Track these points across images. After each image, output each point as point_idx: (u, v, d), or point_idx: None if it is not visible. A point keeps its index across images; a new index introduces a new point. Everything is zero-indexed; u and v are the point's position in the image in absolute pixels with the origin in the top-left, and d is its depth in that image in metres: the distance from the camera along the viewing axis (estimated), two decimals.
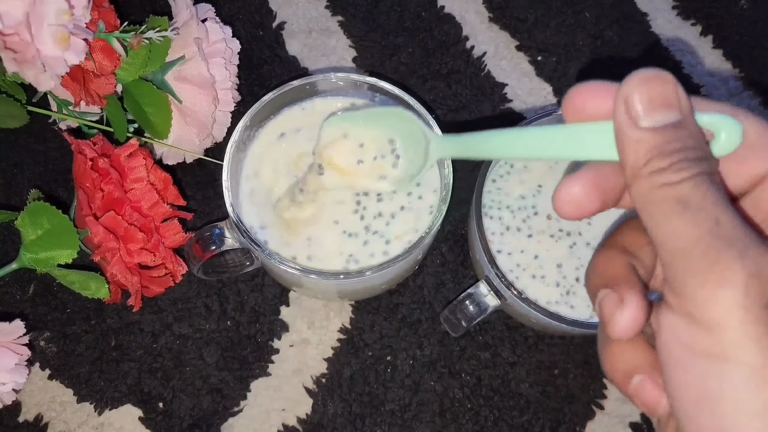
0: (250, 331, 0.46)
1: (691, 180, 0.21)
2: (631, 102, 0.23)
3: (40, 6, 0.39)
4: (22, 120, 0.46)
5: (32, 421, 0.44)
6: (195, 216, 0.49)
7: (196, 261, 0.42)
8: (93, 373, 0.45)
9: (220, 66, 0.45)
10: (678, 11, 0.57)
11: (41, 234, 0.42)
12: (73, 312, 0.47)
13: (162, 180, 0.44)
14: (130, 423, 0.45)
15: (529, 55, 0.56)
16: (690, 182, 0.21)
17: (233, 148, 0.41)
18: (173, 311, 0.47)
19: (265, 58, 0.55)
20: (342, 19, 0.56)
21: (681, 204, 0.21)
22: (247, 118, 0.42)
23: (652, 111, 0.22)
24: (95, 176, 0.41)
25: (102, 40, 0.43)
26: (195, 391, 0.45)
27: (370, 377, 0.45)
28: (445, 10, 0.57)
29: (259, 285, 0.47)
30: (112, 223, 0.41)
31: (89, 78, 0.44)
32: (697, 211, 0.21)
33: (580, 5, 0.57)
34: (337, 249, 0.41)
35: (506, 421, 0.45)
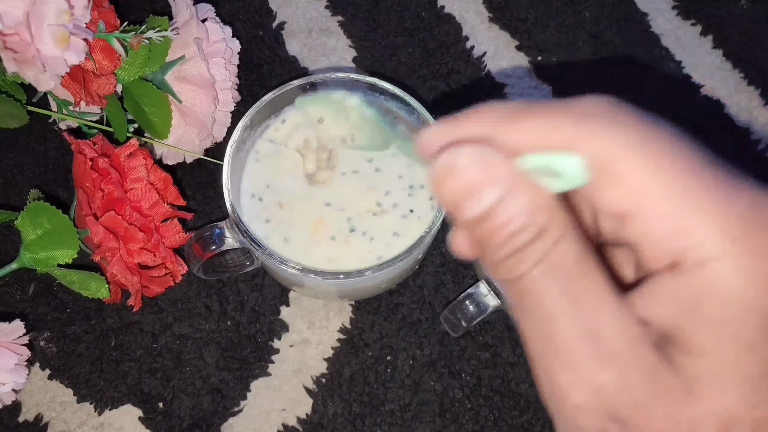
0: (250, 331, 0.46)
1: (526, 277, 0.19)
2: (439, 202, 0.20)
3: (40, 6, 0.39)
4: (22, 120, 0.46)
5: (32, 421, 0.44)
6: (195, 216, 0.49)
7: (196, 261, 0.42)
8: (93, 373, 0.45)
9: (220, 66, 0.45)
10: (678, 11, 0.57)
11: (41, 234, 0.42)
12: (73, 312, 0.47)
13: (162, 180, 0.44)
14: (130, 423, 0.44)
15: (529, 55, 0.56)
16: (527, 279, 0.19)
17: (233, 148, 0.41)
18: (173, 311, 0.47)
19: (265, 58, 0.55)
20: (342, 19, 0.56)
21: (522, 307, 0.19)
22: (247, 118, 0.42)
23: (459, 210, 0.20)
24: (95, 176, 0.41)
25: (102, 40, 0.43)
26: (195, 391, 0.45)
27: (370, 377, 0.45)
28: (445, 10, 0.57)
29: (259, 285, 0.47)
30: (112, 223, 0.41)
31: (89, 78, 0.44)
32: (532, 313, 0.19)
33: (580, 5, 0.57)
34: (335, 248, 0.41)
35: (506, 421, 0.45)
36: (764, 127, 0.53)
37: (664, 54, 0.55)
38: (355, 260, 0.41)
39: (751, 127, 0.53)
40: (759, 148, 0.52)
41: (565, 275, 0.19)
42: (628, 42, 0.56)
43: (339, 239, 0.41)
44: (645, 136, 0.19)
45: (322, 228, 0.41)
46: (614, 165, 0.19)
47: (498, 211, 0.19)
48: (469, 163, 0.19)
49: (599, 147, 0.19)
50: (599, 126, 0.19)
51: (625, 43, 0.56)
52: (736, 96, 0.54)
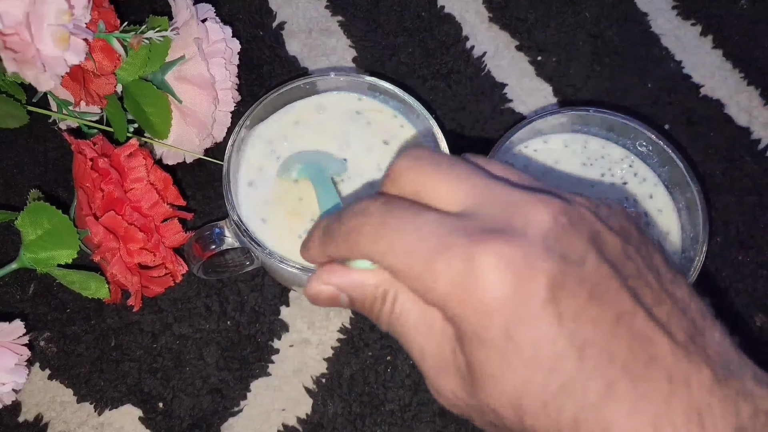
0: (250, 331, 0.46)
1: (390, 327, 0.28)
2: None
3: (40, 6, 0.39)
4: (22, 120, 0.46)
5: (32, 421, 0.44)
6: (195, 216, 0.49)
7: (196, 260, 0.42)
8: (93, 373, 0.45)
9: (220, 66, 0.45)
10: (678, 11, 0.57)
11: (41, 234, 0.42)
12: (73, 312, 0.47)
13: (162, 180, 0.44)
14: (130, 423, 0.44)
15: (529, 55, 0.56)
16: (391, 328, 0.28)
17: (233, 148, 0.41)
18: (173, 311, 0.47)
19: (265, 58, 0.55)
20: (342, 19, 0.56)
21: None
22: (247, 118, 0.42)
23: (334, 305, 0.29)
24: (95, 176, 0.41)
25: (102, 40, 0.43)
26: (195, 391, 0.45)
27: (370, 377, 0.45)
28: (445, 10, 0.57)
29: (259, 285, 0.47)
30: (112, 223, 0.41)
31: (89, 78, 0.44)
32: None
33: (580, 5, 0.57)
34: None
35: None
36: (764, 127, 0.53)
37: (664, 54, 0.55)
38: None
39: (751, 127, 0.53)
40: (759, 148, 0.52)
41: (406, 319, 0.27)
42: (628, 42, 0.56)
43: None
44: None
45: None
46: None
47: (353, 302, 0.28)
48: (319, 286, 0.28)
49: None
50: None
51: (625, 43, 0.56)
52: (736, 96, 0.54)
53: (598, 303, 0.23)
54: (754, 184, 0.51)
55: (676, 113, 0.53)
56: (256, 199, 0.42)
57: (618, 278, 0.24)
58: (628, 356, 0.23)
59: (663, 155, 0.43)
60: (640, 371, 0.23)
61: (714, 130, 0.53)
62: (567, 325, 0.23)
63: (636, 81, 0.54)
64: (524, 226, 0.24)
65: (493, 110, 0.53)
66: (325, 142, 0.44)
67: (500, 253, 0.23)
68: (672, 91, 0.54)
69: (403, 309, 0.27)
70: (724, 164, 0.51)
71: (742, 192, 0.51)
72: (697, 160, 0.51)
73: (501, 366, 0.24)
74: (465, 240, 0.24)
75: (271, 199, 0.42)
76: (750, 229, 0.49)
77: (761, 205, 0.50)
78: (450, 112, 0.53)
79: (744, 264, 0.48)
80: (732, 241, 0.49)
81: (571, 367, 0.23)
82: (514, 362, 0.23)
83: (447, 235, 0.24)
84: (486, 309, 0.23)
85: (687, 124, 0.53)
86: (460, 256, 0.24)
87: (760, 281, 0.48)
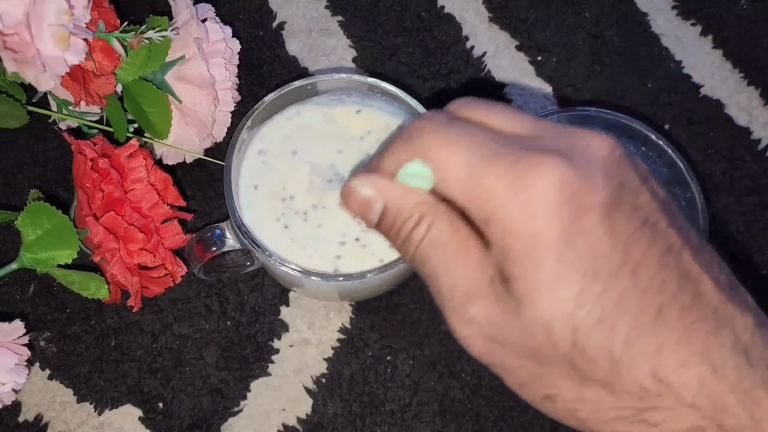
0: (250, 331, 0.46)
1: (417, 252, 0.27)
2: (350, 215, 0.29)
3: (39, 6, 0.39)
4: (22, 120, 0.46)
5: (32, 421, 0.44)
6: (195, 216, 0.49)
7: (197, 262, 0.42)
8: (93, 373, 0.45)
9: (220, 66, 0.45)
10: (678, 11, 0.57)
11: (41, 234, 0.42)
12: (73, 312, 0.47)
13: (162, 180, 0.44)
14: (130, 423, 0.44)
15: (529, 55, 0.56)
16: (418, 254, 0.27)
17: (235, 148, 0.41)
18: (173, 311, 0.47)
19: (265, 58, 0.55)
20: (342, 19, 0.56)
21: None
22: (248, 118, 0.42)
23: (363, 219, 0.29)
24: (95, 176, 0.41)
25: (102, 40, 0.43)
26: (195, 391, 0.45)
27: (370, 377, 0.45)
28: (445, 10, 0.57)
29: (259, 285, 0.47)
30: (112, 224, 0.41)
31: (89, 78, 0.44)
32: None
33: (580, 5, 0.57)
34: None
35: (506, 421, 0.45)
36: (764, 127, 0.53)
37: (664, 54, 0.55)
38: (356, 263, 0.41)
39: (751, 127, 0.53)
40: (759, 148, 0.52)
41: (441, 246, 0.26)
42: (628, 42, 0.56)
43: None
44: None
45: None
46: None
47: (385, 215, 0.27)
48: (359, 186, 0.28)
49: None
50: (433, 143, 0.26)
51: (625, 43, 0.56)
52: (736, 96, 0.54)
53: (650, 232, 0.24)
54: (754, 184, 0.51)
55: (676, 113, 0.53)
56: (257, 199, 0.42)
57: (667, 217, 0.25)
58: (677, 287, 0.23)
59: (663, 155, 0.43)
60: (688, 303, 0.23)
61: (714, 130, 0.53)
62: (622, 243, 0.23)
63: (636, 81, 0.54)
64: (584, 149, 0.24)
65: None
66: (328, 143, 0.43)
67: (560, 168, 0.23)
68: (672, 91, 0.54)
69: (439, 235, 0.26)
70: (724, 164, 0.51)
71: (742, 192, 0.51)
72: (697, 160, 0.51)
73: (555, 278, 0.23)
74: (524, 152, 0.24)
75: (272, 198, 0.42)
76: (750, 229, 0.50)
77: (761, 205, 0.50)
78: None
79: (744, 264, 0.48)
80: (732, 241, 0.49)
81: (625, 285, 0.23)
82: (571, 273, 0.23)
83: (505, 145, 0.25)
84: (542, 221, 0.23)
85: (687, 124, 0.53)
86: (518, 166, 0.24)
87: (761, 281, 0.48)
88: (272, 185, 0.42)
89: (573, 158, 0.24)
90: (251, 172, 0.43)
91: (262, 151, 0.43)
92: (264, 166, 0.43)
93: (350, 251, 0.40)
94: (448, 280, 0.26)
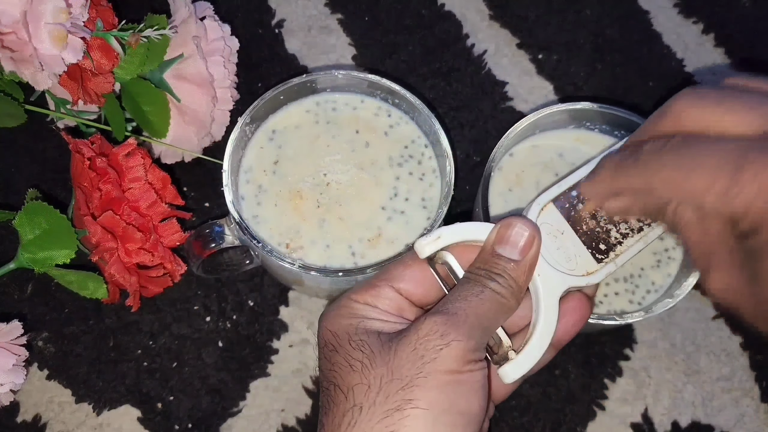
0: (249, 332, 0.46)
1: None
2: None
3: (37, 4, 0.39)
4: (20, 119, 0.46)
5: (30, 421, 0.44)
6: (193, 215, 0.49)
7: (196, 258, 0.42)
8: (91, 373, 0.45)
9: (218, 64, 0.45)
10: (679, 9, 0.57)
11: (39, 234, 0.42)
12: (71, 312, 0.46)
13: (160, 179, 0.44)
14: (128, 423, 0.44)
15: (530, 54, 0.55)
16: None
17: (233, 146, 0.41)
18: (172, 311, 0.46)
19: (264, 56, 0.54)
20: (341, 17, 0.56)
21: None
22: (247, 116, 0.42)
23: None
24: (93, 175, 0.41)
25: (100, 39, 0.43)
26: (194, 391, 0.45)
27: None
28: (445, 8, 0.56)
29: (258, 285, 0.47)
30: (110, 223, 0.41)
31: (87, 77, 0.44)
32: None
33: (582, 3, 0.57)
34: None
35: (507, 421, 0.44)
36: None
37: (666, 52, 0.55)
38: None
39: None
40: None
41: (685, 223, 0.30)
42: (629, 40, 0.55)
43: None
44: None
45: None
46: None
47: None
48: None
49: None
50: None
51: (626, 41, 0.55)
52: None
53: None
54: None
55: None
56: (256, 197, 0.42)
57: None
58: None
59: None
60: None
61: None
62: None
63: (637, 79, 0.54)
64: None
65: (493, 108, 0.53)
66: (327, 141, 0.43)
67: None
68: (673, 89, 0.54)
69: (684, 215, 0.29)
70: None
71: None
72: None
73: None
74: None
75: (271, 198, 0.42)
76: None
77: None
78: (450, 111, 0.53)
79: None
80: None
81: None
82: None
83: (749, 150, 0.26)
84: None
85: None
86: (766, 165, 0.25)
87: None
88: (273, 182, 0.42)
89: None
90: (251, 167, 0.43)
91: (262, 146, 0.43)
92: (264, 162, 0.43)
93: (364, 248, 0.41)
94: (693, 249, 0.31)
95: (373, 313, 0.31)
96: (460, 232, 0.32)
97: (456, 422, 0.27)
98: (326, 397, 0.29)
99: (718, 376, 0.46)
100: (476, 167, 0.51)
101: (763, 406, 0.46)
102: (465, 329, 0.28)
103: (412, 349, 0.28)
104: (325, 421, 0.29)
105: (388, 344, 0.28)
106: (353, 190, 0.42)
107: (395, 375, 0.27)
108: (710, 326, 0.47)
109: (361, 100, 0.45)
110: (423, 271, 0.32)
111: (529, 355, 0.30)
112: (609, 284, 0.41)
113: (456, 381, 0.27)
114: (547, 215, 0.34)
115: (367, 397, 0.27)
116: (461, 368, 0.28)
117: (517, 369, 0.30)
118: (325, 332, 0.31)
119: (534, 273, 0.32)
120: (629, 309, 0.41)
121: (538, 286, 0.32)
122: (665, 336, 0.47)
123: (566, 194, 0.34)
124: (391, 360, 0.28)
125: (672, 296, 0.39)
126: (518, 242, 0.31)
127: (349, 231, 0.41)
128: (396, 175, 0.43)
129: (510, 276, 0.30)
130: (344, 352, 0.29)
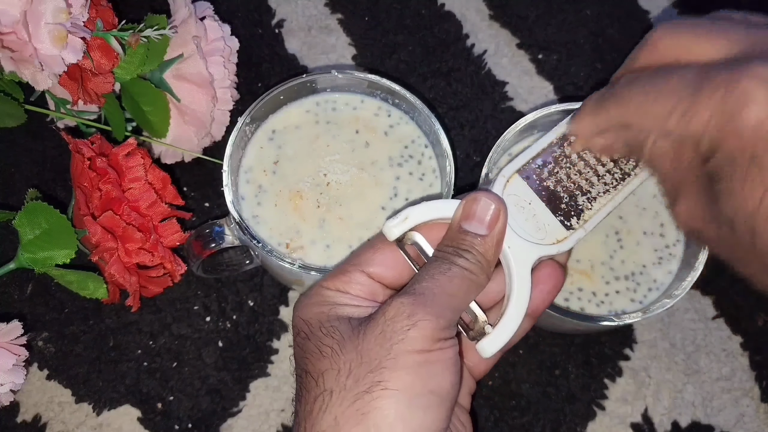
0: (249, 332, 0.46)
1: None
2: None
3: (37, 4, 0.39)
4: (20, 119, 0.46)
5: (30, 421, 0.44)
6: (193, 215, 0.49)
7: (196, 258, 0.42)
8: (91, 373, 0.45)
9: (218, 64, 0.45)
10: (679, 9, 0.57)
11: (39, 234, 0.42)
12: (71, 312, 0.46)
13: (160, 179, 0.44)
14: (128, 423, 0.44)
15: (530, 54, 0.55)
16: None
17: (233, 146, 0.41)
18: (172, 311, 0.46)
19: (264, 56, 0.54)
20: (341, 17, 0.56)
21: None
22: (247, 116, 0.42)
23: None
24: (93, 175, 0.41)
25: (100, 39, 0.43)
26: (194, 391, 0.45)
27: None
28: (445, 8, 0.56)
29: (258, 285, 0.47)
30: (110, 223, 0.41)
31: (87, 77, 0.44)
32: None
33: (582, 3, 0.57)
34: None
35: (506, 421, 0.44)
36: None
37: None
38: None
39: None
40: None
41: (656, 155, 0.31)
42: (629, 40, 0.55)
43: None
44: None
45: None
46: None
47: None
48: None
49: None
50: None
51: (626, 41, 0.55)
52: None
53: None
54: None
55: None
56: (256, 197, 0.42)
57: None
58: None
59: None
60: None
61: None
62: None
63: None
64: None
65: (493, 108, 0.53)
66: (327, 141, 0.43)
67: (765, 77, 0.25)
68: None
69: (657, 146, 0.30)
70: None
71: None
72: None
73: (743, 186, 0.26)
74: (727, 71, 0.26)
75: (271, 197, 0.42)
76: None
77: None
78: (450, 111, 0.53)
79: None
80: None
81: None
82: (756, 183, 0.26)
83: (709, 71, 0.27)
84: (740, 133, 0.25)
85: None
86: (723, 83, 0.26)
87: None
88: (273, 182, 0.42)
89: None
90: (251, 167, 0.43)
91: (262, 146, 0.43)
92: (264, 162, 0.43)
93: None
94: (661, 178, 0.32)
95: (345, 299, 0.30)
96: (427, 212, 0.32)
97: (429, 401, 0.27)
98: (299, 385, 0.30)
99: (718, 376, 0.46)
100: (476, 167, 0.51)
101: (763, 406, 0.46)
102: (433, 308, 0.28)
103: (379, 332, 0.28)
104: (298, 409, 0.29)
105: (357, 329, 0.28)
106: (353, 190, 0.42)
107: (364, 358, 0.27)
108: (710, 326, 0.47)
109: (361, 100, 0.45)
110: (393, 253, 0.32)
111: (505, 328, 0.30)
112: (610, 283, 0.41)
113: (426, 360, 0.27)
114: (514, 186, 0.34)
115: (337, 382, 0.27)
116: (431, 347, 0.28)
117: (494, 343, 0.30)
118: (297, 320, 0.31)
119: (503, 245, 0.31)
120: (630, 308, 0.41)
121: (509, 258, 0.32)
122: (665, 336, 0.47)
123: (531, 164, 0.34)
124: (360, 344, 0.28)
125: (671, 296, 0.39)
126: (484, 217, 0.31)
127: (349, 231, 0.41)
128: (396, 175, 0.43)
129: (478, 251, 0.30)
130: (315, 339, 0.29)
